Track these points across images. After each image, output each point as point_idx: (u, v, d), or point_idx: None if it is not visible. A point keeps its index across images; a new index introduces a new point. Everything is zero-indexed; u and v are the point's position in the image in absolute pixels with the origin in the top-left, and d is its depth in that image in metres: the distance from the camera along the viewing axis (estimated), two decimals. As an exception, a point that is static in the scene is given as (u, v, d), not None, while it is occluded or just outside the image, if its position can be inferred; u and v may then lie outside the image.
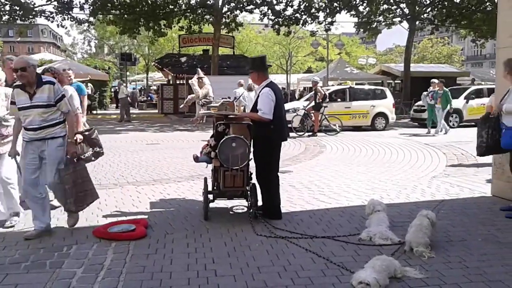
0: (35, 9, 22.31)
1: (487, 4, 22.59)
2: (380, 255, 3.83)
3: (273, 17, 24.42)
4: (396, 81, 29.50)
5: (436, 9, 24.94)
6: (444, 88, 14.84)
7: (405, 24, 25.35)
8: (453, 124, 17.18)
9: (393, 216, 5.16)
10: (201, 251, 4.27)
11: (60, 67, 6.81)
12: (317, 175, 8.00)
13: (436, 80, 15.39)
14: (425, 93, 15.80)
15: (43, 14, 22.66)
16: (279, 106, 5.22)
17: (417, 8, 24.61)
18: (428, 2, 24.77)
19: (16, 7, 21.86)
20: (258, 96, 5.26)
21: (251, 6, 24.08)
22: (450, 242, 4.46)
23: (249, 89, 14.64)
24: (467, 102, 17.52)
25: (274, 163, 5.36)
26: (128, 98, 21.47)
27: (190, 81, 10.78)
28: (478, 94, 18.06)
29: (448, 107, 14.67)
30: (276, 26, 24.70)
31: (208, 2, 23.84)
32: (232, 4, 24.14)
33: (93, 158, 5.46)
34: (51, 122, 4.68)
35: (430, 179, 7.59)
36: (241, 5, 24.06)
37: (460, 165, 8.99)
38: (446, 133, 14.70)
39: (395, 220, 5.03)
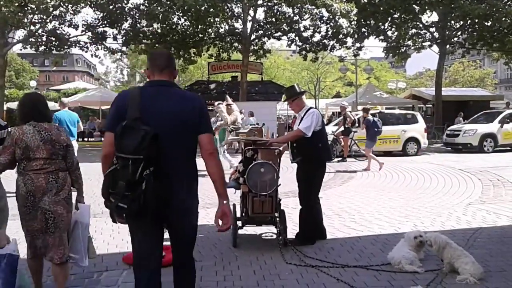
0: (70, 39, 23.15)
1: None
2: (415, 286, 3.69)
3: (300, 44, 24.60)
4: (427, 105, 29.05)
5: (466, 32, 24.62)
6: None
7: (435, 48, 25.08)
8: (488, 149, 16.73)
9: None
10: (230, 280, 4.21)
11: None
12: (348, 202, 7.86)
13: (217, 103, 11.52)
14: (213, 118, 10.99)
15: (77, 45, 23.48)
16: (323, 128, 5.40)
17: (447, 32, 24.34)
18: (458, 26, 24.49)
19: (52, 38, 22.75)
20: (302, 118, 5.28)
21: (279, 33, 24.36)
22: (488, 272, 4.25)
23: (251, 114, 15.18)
24: (501, 126, 17.08)
25: (319, 184, 5.39)
26: None
27: (216, 106, 10.23)
28: (513, 117, 17.58)
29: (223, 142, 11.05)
30: (304, 52, 24.85)
31: (237, 30, 24.26)
32: (260, 32, 24.49)
33: None
34: None
35: (465, 206, 7.34)
36: (269, 33, 24.36)
37: (497, 191, 8.68)
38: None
39: (429, 249, 4.84)
